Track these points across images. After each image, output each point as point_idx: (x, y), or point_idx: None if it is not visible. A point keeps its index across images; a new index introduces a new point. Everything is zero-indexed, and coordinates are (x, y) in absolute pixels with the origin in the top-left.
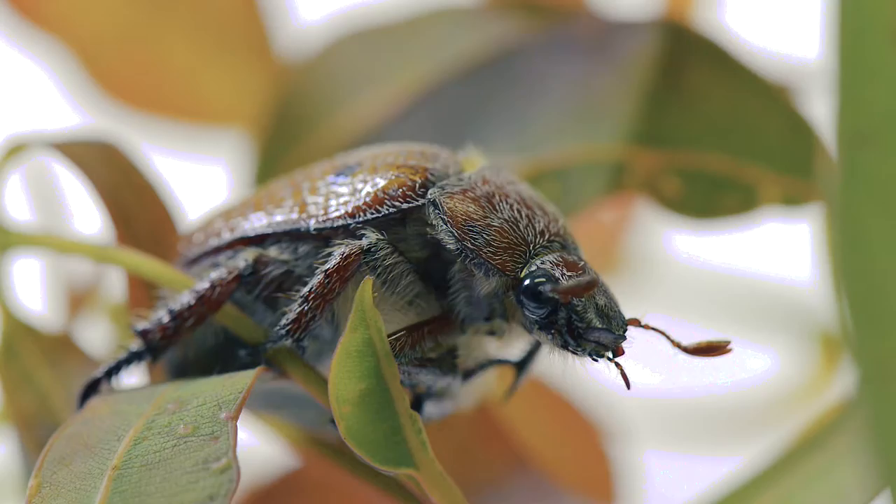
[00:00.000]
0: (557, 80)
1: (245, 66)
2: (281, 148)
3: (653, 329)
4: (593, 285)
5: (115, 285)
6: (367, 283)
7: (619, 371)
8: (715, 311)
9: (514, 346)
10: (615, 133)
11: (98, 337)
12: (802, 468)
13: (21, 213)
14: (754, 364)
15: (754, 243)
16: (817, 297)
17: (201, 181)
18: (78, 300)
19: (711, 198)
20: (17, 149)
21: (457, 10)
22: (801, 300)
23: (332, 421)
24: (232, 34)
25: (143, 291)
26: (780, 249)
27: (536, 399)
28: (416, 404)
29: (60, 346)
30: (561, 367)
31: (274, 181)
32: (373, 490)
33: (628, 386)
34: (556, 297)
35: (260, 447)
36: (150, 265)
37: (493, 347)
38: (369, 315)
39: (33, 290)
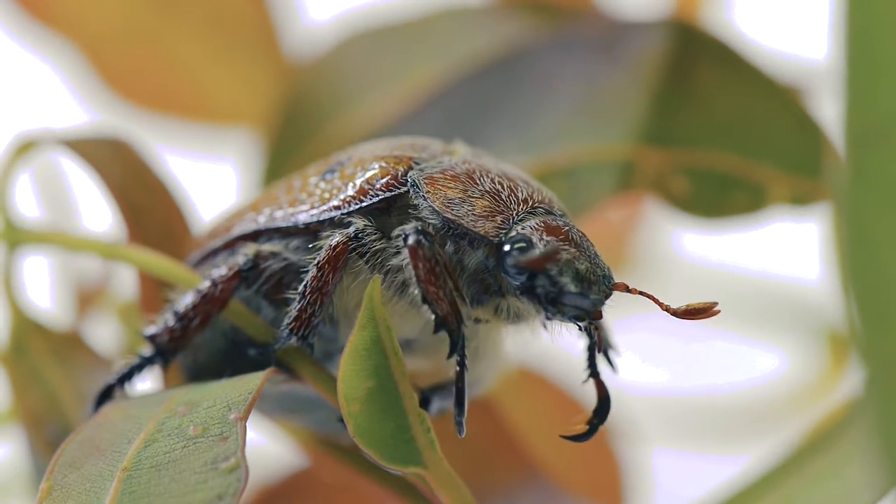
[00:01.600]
0: (566, 79)
1: (254, 65)
2: (290, 147)
3: (640, 293)
4: (552, 255)
5: (124, 283)
6: (376, 282)
7: (598, 335)
8: (723, 310)
9: (524, 330)
10: (624, 132)
11: (107, 335)
12: (810, 467)
13: (30, 210)
14: (762, 363)
15: (763, 242)
16: (825, 296)
17: (210, 180)
18: (87, 298)
19: (720, 197)
20: (28, 146)
21: (465, 10)
22: (809, 299)
23: (341, 419)
24: (241, 33)
25: (153, 289)
26: (789, 249)
27: (542, 397)
28: (424, 403)
29: (69, 344)
30: (550, 338)
31: (272, 184)
32: (381, 490)
33: (611, 349)
34: (528, 264)
35: (269, 447)
36: (160, 263)
37: (501, 335)
38: (378, 313)
39: (42, 287)
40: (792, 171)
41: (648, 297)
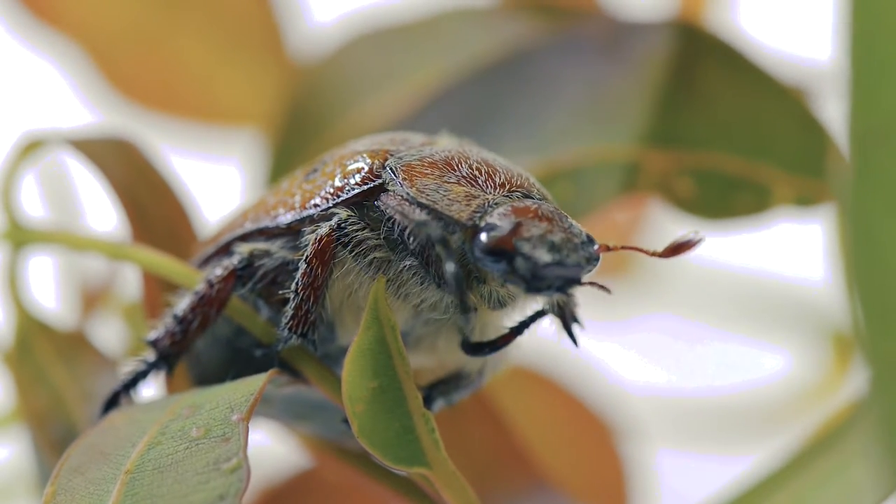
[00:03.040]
0: (570, 80)
1: (259, 65)
2: (294, 147)
3: (622, 248)
4: (516, 231)
5: (129, 283)
6: (380, 282)
7: (595, 287)
8: (728, 311)
9: (511, 316)
10: (628, 133)
11: (112, 334)
12: (815, 468)
13: (35, 210)
14: (767, 363)
15: (767, 243)
16: (830, 296)
17: (215, 181)
18: (92, 298)
19: (724, 198)
20: (33, 146)
21: (470, 11)
22: (813, 300)
23: (345, 420)
24: (246, 34)
25: (157, 290)
26: (793, 249)
27: (548, 399)
28: (427, 401)
29: (74, 344)
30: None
31: (266, 190)
32: (385, 490)
33: (609, 291)
34: (494, 246)
35: (273, 447)
36: (165, 262)
37: (500, 322)
38: (382, 313)
39: (47, 287)
40: (796, 172)
41: (632, 249)
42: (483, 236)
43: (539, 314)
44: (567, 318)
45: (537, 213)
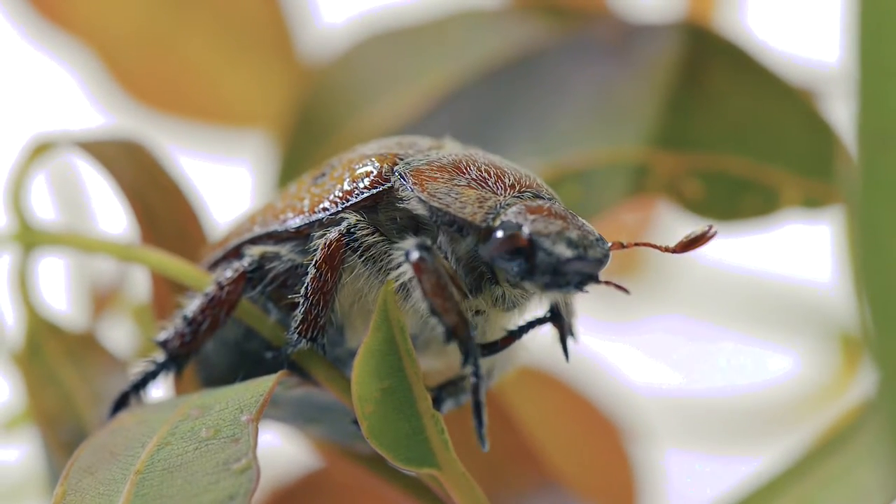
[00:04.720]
0: (579, 82)
1: (268, 67)
2: (304, 149)
3: (636, 245)
4: (537, 224)
5: (139, 284)
6: (390, 284)
7: (611, 286)
8: (736, 312)
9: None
10: (637, 135)
11: (122, 336)
12: (823, 469)
13: (46, 212)
14: (775, 365)
15: (775, 245)
16: (838, 298)
17: (225, 183)
18: (102, 299)
19: (733, 200)
20: (43, 148)
21: (479, 13)
22: (821, 302)
23: (355, 421)
24: (255, 36)
25: (166, 291)
26: (801, 251)
27: (557, 399)
28: (436, 402)
29: (84, 346)
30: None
31: (274, 195)
32: (395, 491)
33: (627, 291)
34: (513, 244)
35: (284, 448)
36: (174, 264)
37: (508, 324)
38: (392, 314)
39: (58, 289)
40: (804, 174)
41: (645, 245)
42: (500, 234)
43: (539, 320)
44: (564, 329)
45: (551, 210)
